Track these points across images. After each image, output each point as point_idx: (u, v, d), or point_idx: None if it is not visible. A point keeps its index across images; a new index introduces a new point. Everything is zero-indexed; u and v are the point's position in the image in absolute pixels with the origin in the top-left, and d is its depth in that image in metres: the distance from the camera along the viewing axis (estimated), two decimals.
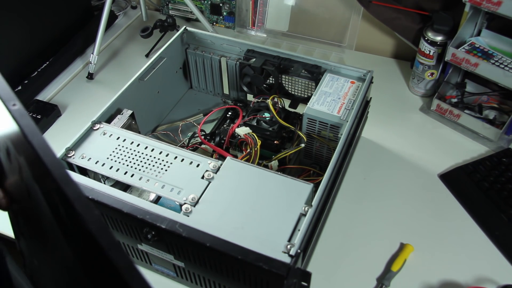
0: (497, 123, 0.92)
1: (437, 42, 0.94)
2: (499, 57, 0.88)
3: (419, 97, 1.05)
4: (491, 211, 0.79)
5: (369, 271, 0.74)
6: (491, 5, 0.82)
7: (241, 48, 0.90)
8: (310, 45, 1.16)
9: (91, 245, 0.30)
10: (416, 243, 0.76)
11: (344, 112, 0.77)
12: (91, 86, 1.10)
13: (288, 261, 0.55)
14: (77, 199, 0.30)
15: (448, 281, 0.72)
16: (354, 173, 0.88)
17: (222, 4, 1.23)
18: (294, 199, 0.62)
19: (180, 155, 0.68)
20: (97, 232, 0.29)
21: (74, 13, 1.19)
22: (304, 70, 0.86)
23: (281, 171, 0.80)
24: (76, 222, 0.31)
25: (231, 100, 0.99)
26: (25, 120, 0.34)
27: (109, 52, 1.19)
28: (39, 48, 1.10)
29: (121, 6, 1.34)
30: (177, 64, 0.97)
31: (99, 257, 0.29)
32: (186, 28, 0.94)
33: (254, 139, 0.78)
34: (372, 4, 1.06)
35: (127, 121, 0.77)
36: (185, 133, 0.90)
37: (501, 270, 0.73)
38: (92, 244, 0.29)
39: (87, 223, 0.29)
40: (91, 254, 0.31)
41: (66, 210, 0.32)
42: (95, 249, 0.29)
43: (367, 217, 0.81)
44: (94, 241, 0.29)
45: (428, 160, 0.90)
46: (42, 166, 0.32)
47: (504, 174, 0.83)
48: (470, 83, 0.99)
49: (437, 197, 0.84)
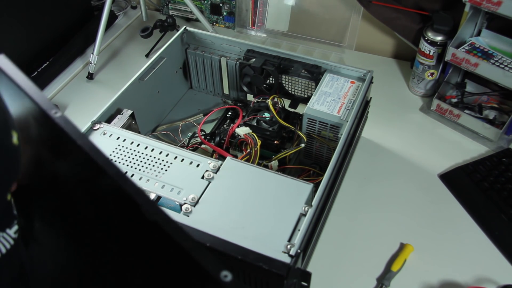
0: (497, 123, 0.92)
1: (437, 42, 0.94)
2: (499, 57, 0.88)
3: (419, 97, 1.05)
4: (491, 211, 0.79)
5: (369, 271, 0.74)
6: (491, 5, 0.82)
7: (241, 48, 0.90)
8: (310, 45, 1.16)
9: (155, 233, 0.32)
10: (416, 243, 0.76)
11: (344, 112, 0.77)
12: (91, 86, 1.10)
13: (288, 261, 0.55)
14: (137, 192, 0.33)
15: (448, 281, 0.72)
16: (354, 173, 0.87)
17: (222, 4, 1.23)
18: (294, 199, 0.62)
19: (180, 155, 0.68)
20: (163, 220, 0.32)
21: (74, 13, 1.19)
22: (304, 70, 0.86)
23: (281, 171, 0.80)
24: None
25: (231, 100, 0.99)
26: (70, 126, 0.36)
27: (109, 52, 1.19)
28: (39, 48, 1.10)
29: (121, 6, 1.34)
30: (177, 64, 0.97)
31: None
32: (186, 28, 0.94)
33: (254, 139, 0.78)
34: (372, 4, 1.06)
35: (127, 121, 0.77)
36: (185, 133, 0.90)
37: (501, 270, 0.73)
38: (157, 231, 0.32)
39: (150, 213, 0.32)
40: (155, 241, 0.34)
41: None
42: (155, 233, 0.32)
43: (367, 217, 0.81)
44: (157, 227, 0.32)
45: (428, 160, 0.90)
46: (93, 164, 0.34)
47: (504, 174, 0.83)
48: (470, 83, 0.98)
49: (437, 197, 0.84)
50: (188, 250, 0.31)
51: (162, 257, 0.34)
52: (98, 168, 0.33)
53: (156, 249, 0.34)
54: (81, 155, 0.34)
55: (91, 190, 0.38)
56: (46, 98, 0.37)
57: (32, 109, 0.38)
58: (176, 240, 0.31)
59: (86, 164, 0.35)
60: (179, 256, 0.32)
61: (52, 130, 0.36)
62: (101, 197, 0.37)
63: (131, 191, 0.32)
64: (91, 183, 0.37)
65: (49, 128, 0.37)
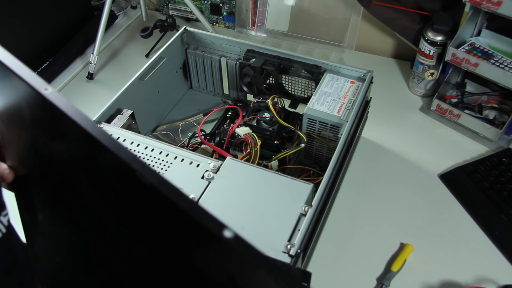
0: (497, 123, 0.92)
1: (437, 42, 0.94)
2: (499, 57, 0.88)
3: (419, 97, 1.05)
4: (491, 211, 0.79)
5: (369, 271, 0.74)
6: (491, 5, 0.82)
7: (241, 48, 0.90)
8: (310, 45, 1.16)
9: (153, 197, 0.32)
10: (416, 243, 0.76)
11: (344, 112, 0.77)
12: (91, 86, 1.10)
13: (288, 261, 0.55)
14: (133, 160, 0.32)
15: (448, 281, 0.72)
16: (354, 173, 0.87)
17: (222, 4, 1.23)
18: (294, 199, 0.62)
19: (180, 155, 0.68)
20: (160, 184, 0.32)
21: (74, 13, 1.19)
22: (304, 70, 0.86)
23: (281, 171, 0.80)
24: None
25: (231, 100, 0.99)
26: (61, 101, 0.35)
27: (109, 52, 1.19)
28: (39, 48, 1.10)
29: (121, 6, 1.34)
30: (177, 64, 0.97)
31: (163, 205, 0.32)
32: (186, 28, 0.94)
33: (254, 139, 0.78)
34: (372, 4, 1.06)
35: (127, 121, 0.77)
36: (185, 133, 0.90)
37: (501, 270, 0.73)
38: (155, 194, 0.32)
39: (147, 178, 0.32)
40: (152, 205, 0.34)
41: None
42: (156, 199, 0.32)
43: (367, 217, 0.81)
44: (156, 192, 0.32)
45: (428, 160, 0.90)
46: (90, 138, 0.33)
47: (504, 174, 0.83)
48: (470, 83, 0.98)
49: (437, 197, 0.84)
50: (188, 211, 0.31)
51: (163, 221, 0.34)
52: (90, 138, 0.33)
53: (157, 214, 0.34)
54: (74, 128, 0.34)
55: (87, 164, 0.37)
56: (35, 75, 0.36)
57: (23, 91, 0.38)
58: (175, 201, 0.31)
59: (79, 138, 0.35)
60: (180, 218, 0.32)
61: (45, 108, 0.36)
62: (97, 170, 0.37)
63: (125, 157, 0.32)
64: (87, 156, 0.37)
65: (42, 107, 0.37)
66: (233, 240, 0.30)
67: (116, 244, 0.41)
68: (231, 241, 0.30)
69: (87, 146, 0.35)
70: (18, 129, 0.43)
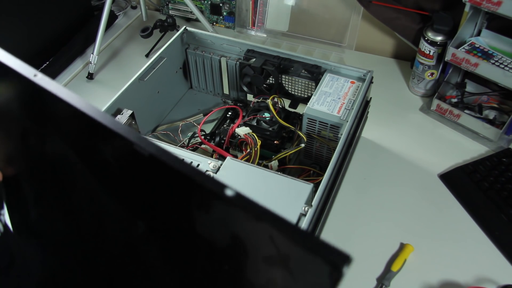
0: (497, 123, 0.92)
1: (437, 42, 0.94)
2: (499, 57, 0.88)
3: (419, 97, 1.05)
4: (491, 211, 0.79)
5: (369, 271, 0.74)
6: (491, 5, 0.82)
7: (241, 48, 0.90)
8: (310, 45, 1.16)
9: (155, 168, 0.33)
10: (416, 243, 0.76)
11: (344, 112, 0.77)
12: (91, 86, 1.10)
13: None
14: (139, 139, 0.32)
15: (448, 281, 0.72)
16: (354, 173, 0.87)
17: (222, 4, 1.23)
18: (294, 199, 0.62)
19: (180, 155, 0.68)
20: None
21: (74, 13, 1.19)
22: (304, 70, 0.86)
23: (281, 171, 0.80)
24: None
25: (231, 100, 0.99)
26: (52, 85, 0.35)
27: (109, 52, 1.19)
28: (39, 48, 1.10)
29: (121, 6, 1.34)
30: (177, 64, 0.97)
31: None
32: (186, 28, 0.94)
33: (254, 139, 0.78)
34: (372, 4, 1.06)
35: (127, 121, 0.77)
36: (185, 133, 0.90)
37: (501, 270, 0.73)
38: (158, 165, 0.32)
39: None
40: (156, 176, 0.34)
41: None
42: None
43: (367, 217, 0.81)
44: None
45: (428, 160, 0.90)
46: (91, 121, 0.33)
47: (504, 174, 0.83)
48: (470, 83, 0.98)
49: (437, 197, 0.84)
50: (189, 175, 0.31)
51: (166, 191, 0.35)
52: (84, 117, 0.33)
53: (159, 184, 0.35)
54: (67, 108, 0.33)
55: (83, 147, 0.37)
56: (24, 64, 0.36)
57: (12, 81, 0.37)
58: (176, 167, 0.31)
59: (72, 119, 0.35)
60: (183, 183, 0.32)
61: (35, 95, 0.36)
62: (93, 151, 0.37)
63: (121, 131, 0.32)
64: (82, 138, 0.37)
65: (32, 94, 0.36)
66: (235, 197, 0.31)
67: (116, 229, 0.41)
68: (233, 198, 0.31)
69: (82, 126, 0.35)
70: (6, 125, 0.43)
